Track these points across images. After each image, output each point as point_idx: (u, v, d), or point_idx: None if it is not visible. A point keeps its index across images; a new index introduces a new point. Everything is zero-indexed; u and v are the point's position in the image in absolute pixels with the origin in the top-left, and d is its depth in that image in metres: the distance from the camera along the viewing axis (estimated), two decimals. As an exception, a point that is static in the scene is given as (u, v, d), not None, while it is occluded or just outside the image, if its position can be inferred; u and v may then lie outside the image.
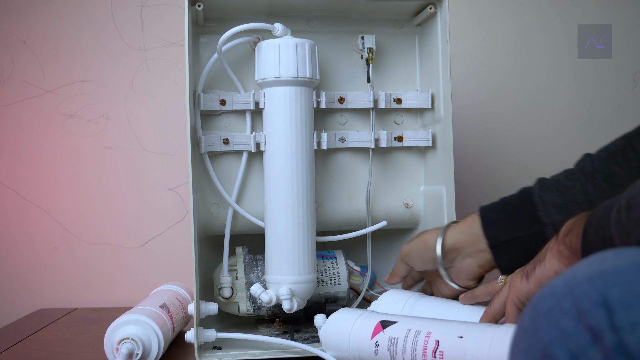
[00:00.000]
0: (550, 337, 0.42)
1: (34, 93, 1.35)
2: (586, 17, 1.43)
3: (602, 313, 0.40)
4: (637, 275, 0.41)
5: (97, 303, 1.34)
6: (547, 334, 0.43)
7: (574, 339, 0.41)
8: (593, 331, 0.41)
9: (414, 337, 0.76)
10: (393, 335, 0.78)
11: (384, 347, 0.79)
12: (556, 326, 0.42)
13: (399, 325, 0.79)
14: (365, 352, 0.81)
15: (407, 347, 0.77)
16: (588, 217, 0.62)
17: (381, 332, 0.80)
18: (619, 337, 0.39)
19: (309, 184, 0.96)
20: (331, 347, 0.86)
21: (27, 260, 1.35)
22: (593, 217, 0.61)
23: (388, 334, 0.79)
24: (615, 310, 0.40)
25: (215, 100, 1.00)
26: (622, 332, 0.39)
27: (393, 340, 0.78)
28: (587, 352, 0.40)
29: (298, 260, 0.94)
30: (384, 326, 0.80)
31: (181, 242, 1.34)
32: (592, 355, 0.40)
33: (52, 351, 1.01)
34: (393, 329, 0.79)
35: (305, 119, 0.96)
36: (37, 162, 1.35)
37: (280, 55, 0.94)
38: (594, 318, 0.41)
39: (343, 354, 0.84)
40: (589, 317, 0.41)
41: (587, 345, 0.40)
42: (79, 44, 1.35)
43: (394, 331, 0.79)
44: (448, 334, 0.74)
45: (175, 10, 1.35)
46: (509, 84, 1.43)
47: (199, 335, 0.90)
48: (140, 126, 1.36)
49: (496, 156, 1.43)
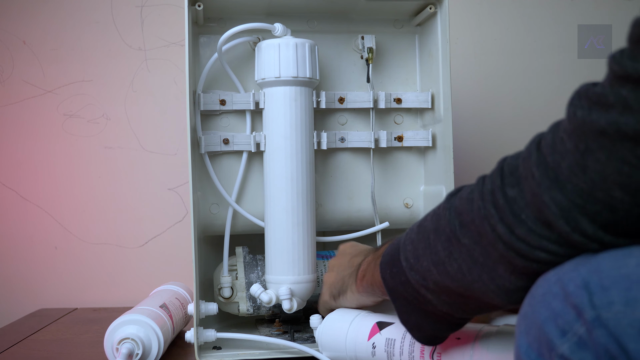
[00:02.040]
0: (544, 317, 0.50)
1: (34, 93, 1.35)
2: (586, 17, 1.43)
3: (584, 294, 0.48)
4: (613, 264, 0.48)
5: (97, 303, 1.34)
6: (541, 314, 0.50)
7: (562, 316, 0.49)
8: (576, 309, 0.48)
9: (411, 338, 0.75)
10: (390, 337, 0.78)
11: (381, 348, 0.79)
12: (548, 307, 0.50)
13: (396, 327, 0.79)
14: (362, 353, 0.81)
15: (404, 348, 0.76)
16: (380, 266, 0.71)
17: (378, 334, 0.80)
18: (597, 312, 0.47)
19: (309, 184, 0.96)
20: (327, 348, 0.86)
21: (27, 260, 1.35)
22: (384, 266, 0.70)
23: (385, 335, 0.79)
24: (594, 292, 0.47)
25: (215, 100, 1.00)
26: (600, 309, 0.47)
27: (390, 341, 0.78)
28: (572, 326, 0.48)
29: (298, 260, 0.94)
30: (380, 327, 0.80)
31: (181, 242, 1.34)
32: (577, 328, 0.48)
33: (52, 351, 1.01)
34: (390, 330, 0.79)
35: (305, 119, 0.96)
36: (37, 162, 1.35)
37: (280, 55, 0.94)
38: (577, 297, 0.48)
39: (340, 355, 0.84)
40: (573, 296, 0.48)
41: (572, 321, 0.48)
42: (79, 44, 1.35)
43: (391, 332, 0.79)
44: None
45: (175, 10, 1.35)
46: (509, 84, 1.43)
47: (199, 335, 0.90)
48: (140, 126, 1.36)
49: (496, 156, 1.42)
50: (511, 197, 0.54)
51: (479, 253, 0.57)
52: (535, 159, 0.53)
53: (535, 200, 0.52)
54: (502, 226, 0.54)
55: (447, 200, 0.63)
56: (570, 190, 0.50)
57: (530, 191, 0.53)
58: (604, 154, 0.48)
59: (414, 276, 0.65)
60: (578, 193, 0.50)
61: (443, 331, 0.68)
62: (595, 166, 0.48)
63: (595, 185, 0.49)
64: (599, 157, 0.48)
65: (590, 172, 0.49)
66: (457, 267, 0.59)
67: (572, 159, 0.50)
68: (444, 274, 0.61)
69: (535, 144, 0.55)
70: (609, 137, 0.47)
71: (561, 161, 0.51)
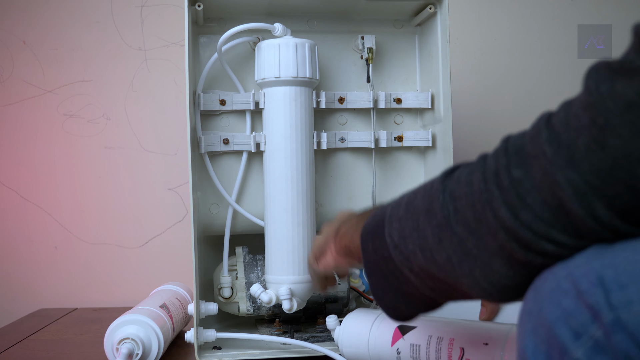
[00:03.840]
0: (554, 317, 0.45)
1: (34, 93, 1.35)
2: (586, 17, 1.43)
3: (599, 292, 0.43)
4: (630, 257, 0.43)
5: (97, 303, 1.34)
6: (550, 313, 0.45)
7: (575, 317, 0.44)
8: (592, 309, 0.43)
9: (436, 344, 0.73)
10: (414, 342, 0.76)
11: (406, 354, 0.76)
12: (558, 305, 0.45)
13: (418, 331, 0.76)
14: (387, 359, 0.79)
15: (430, 354, 0.74)
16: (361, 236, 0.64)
17: (401, 339, 0.77)
18: (616, 314, 0.42)
19: (309, 183, 0.96)
20: (350, 352, 0.84)
21: (27, 260, 1.35)
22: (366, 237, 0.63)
23: (409, 341, 0.76)
24: (611, 290, 0.42)
25: (215, 100, 1.00)
26: (619, 309, 0.42)
27: (415, 347, 0.75)
28: (588, 329, 0.43)
29: (298, 260, 0.95)
30: (402, 332, 0.78)
31: (181, 242, 1.34)
32: (593, 331, 0.43)
33: (52, 351, 1.01)
34: (413, 335, 0.76)
35: (305, 119, 0.96)
36: (37, 162, 1.35)
37: (280, 55, 0.94)
38: (592, 296, 0.43)
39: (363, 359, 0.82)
40: (587, 295, 0.43)
41: (587, 323, 0.43)
42: (79, 44, 1.36)
43: (415, 337, 0.76)
44: (472, 341, 0.71)
45: (175, 10, 1.35)
46: (509, 83, 1.43)
47: (199, 335, 0.90)
48: (140, 126, 1.36)
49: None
50: (516, 179, 0.49)
51: (473, 244, 0.52)
52: (546, 137, 0.47)
53: (547, 180, 0.47)
54: (505, 210, 0.49)
55: (441, 181, 0.56)
56: (587, 170, 0.45)
57: (540, 171, 0.47)
58: (628, 129, 0.43)
59: (397, 255, 0.59)
60: (595, 173, 0.45)
61: (421, 311, 0.63)
62: (616, 142, 0.43)
63: (616, 164, 0.44)
64: (621, 132, 0.43)
65: (610, 149, 0.44)
66: (445, 257, 0.54)
67: (589, 135, 0.44)
68: (431, 262, 0.55)
69: (543, 121, 0.48)
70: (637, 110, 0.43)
71: (577, 138, 0.45)
